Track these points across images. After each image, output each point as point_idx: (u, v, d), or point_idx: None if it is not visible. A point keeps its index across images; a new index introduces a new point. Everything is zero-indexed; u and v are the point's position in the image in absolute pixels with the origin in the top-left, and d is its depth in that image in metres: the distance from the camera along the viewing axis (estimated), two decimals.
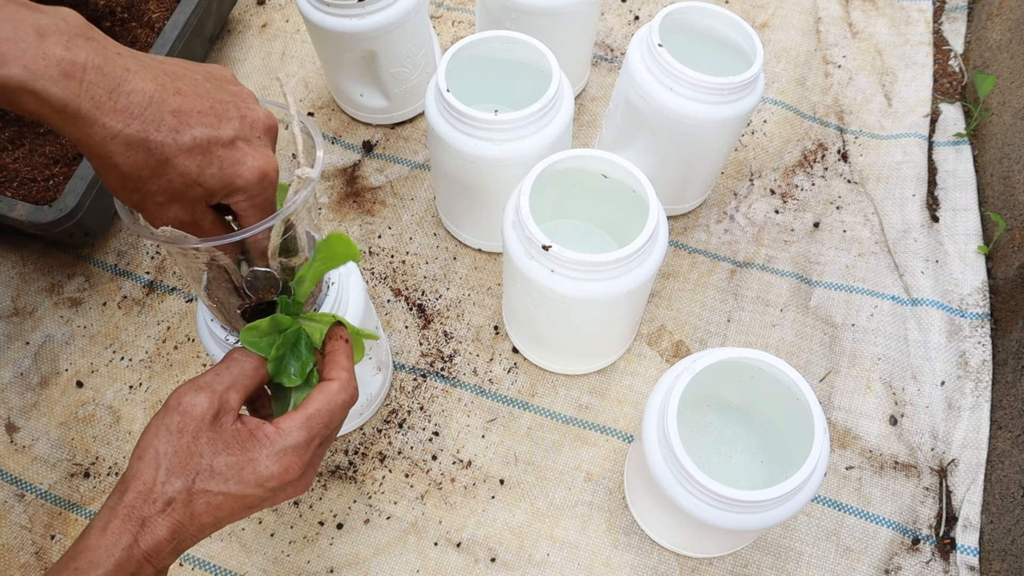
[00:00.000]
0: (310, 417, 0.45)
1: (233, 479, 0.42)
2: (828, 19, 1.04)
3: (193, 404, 0.42)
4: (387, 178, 0.91)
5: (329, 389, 0.46)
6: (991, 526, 0.69)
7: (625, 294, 0.63)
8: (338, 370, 0.48)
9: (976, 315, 0.81)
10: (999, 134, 0.89)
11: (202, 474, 0.41)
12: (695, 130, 0.72)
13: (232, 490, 0.42)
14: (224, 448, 0.42)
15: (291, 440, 0.44)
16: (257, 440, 0.43)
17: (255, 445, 0.43)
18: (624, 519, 0.71)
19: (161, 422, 0.42)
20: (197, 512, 0.42)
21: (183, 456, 0.42)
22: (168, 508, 0.41)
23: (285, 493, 0.45)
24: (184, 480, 0.41)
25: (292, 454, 0.43)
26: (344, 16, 0.78)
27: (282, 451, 0.43)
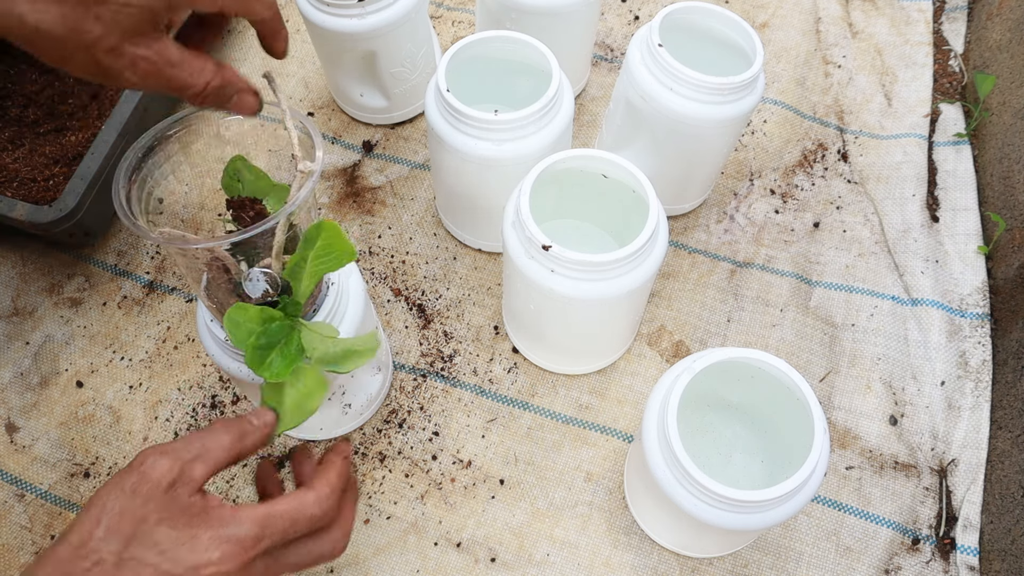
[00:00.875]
0: (269, 515, 0.41)
1: (168, 553, 0.38)
2: (828, 19, 1.04)
3: (153, 466, 0.40)
4: (387, 178, 0.91)
5: (303, 497, 0.43)
6: (991, 526, 0.69)
7: (625, 294, 0.63)
8: (322, 484, 0.44)
9: (976, 315, 0.81)
10: (999, 134, 0.89)
11: (138, 540, 0.38)
12: (695, 130, 0.72)
13: (163, 566, 0.38)
14: (169, 518, 0.39)
15: (240, 531, 0.40)
16: (207, 518, 0.40)
17: (202, 523, 0.40)
18: (624, 519, 0.71)
19: (119, 479, 0.40)
20: None
21: (127, 517, 0.39)
22: (95, 568, 0.37)
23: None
24: (119, 542, 0.38)
25: (235, 545, 0.40)
26: (344, 16, 0.78)
27: (225, 538, 0.39)
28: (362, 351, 0.51)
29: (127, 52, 0.40)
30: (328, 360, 0.50)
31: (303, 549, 0.44)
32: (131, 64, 0.40)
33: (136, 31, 0.40)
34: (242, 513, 0.40)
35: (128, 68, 0.40)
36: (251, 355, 0.47)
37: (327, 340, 0.50)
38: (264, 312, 0.48)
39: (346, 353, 0.51)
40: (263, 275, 0.49)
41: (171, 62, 0.41)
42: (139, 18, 0.39)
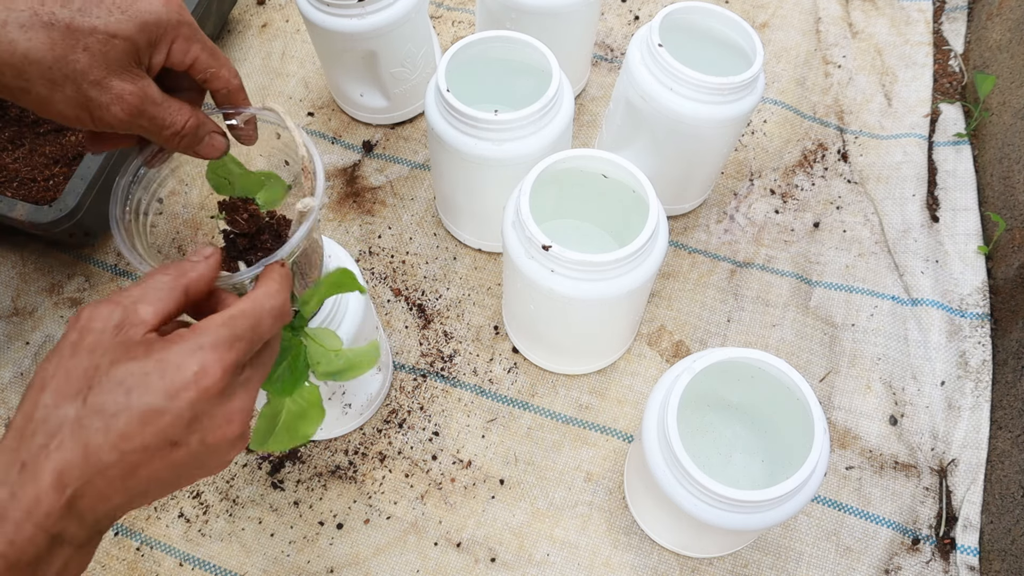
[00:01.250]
0: (232, 316, 0.37)
1: (136, 388, 0.33)
2: (828, 19, 1.04)
3: (91, 317, 0.35)
4: (387, 178, 0.91)
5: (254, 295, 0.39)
6: (991, 526, 0.69)
7: (625, 294, 0.63)
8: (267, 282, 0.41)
9: (976, 315, 0.81)
10: (999, 134, 0.89)
11: (96, 388, 0.33)
12: (695, 130, 0.72)
13: (135, 404, 0.33)
14: (125, 354, 0.34)
15: (208, 337, 0.35)
16: (168, 340, 0.35)
17: (165, 345, 0.35)
18: (624, 519, 0.71)
19: (57, 345, 0.35)
20: (92, 444, 0.32)
21: (75, 374, 0.33)
22: (52, 443, 0.32)
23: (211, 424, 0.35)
24: (74, 402, 0.32)
25: (210, 351, 0.35)
26: (344, 16, 0.78)
27: (198, 346, 0.35)
28: (362, 363, 0.51)
29: (114, 86, 0.40)
30: (331, 373, 0.51)
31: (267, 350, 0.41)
32: (118, 98, 0.41)
33: (121, 65, 0.40)
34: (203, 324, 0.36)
35: (115, 102, 0.41)
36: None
37: (330, 354, 0.51)
38: None
39: (348, 365, 0.51)
40: None
41: (154, 100, 0.42)
42: (123, 51, 0.40)
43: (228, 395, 0.36)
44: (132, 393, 0.33)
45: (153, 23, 0.41)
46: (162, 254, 0.52)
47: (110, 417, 0.32)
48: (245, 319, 0.37)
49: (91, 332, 0.34)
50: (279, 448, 0.49)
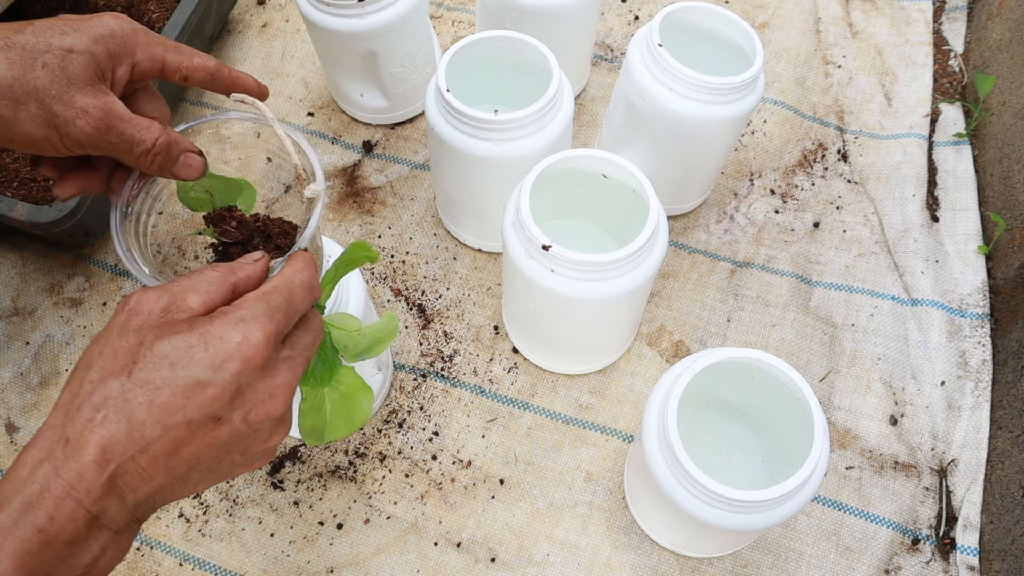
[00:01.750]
0: (266, 292, 0.38)
1: (181, 361, 0.34)
2: (828, 19, 1.04)
3: (139, 301, 0.36)
4: (387, 178, 0.91)
5: (283, 273, 0.40)
6: (991, 526, 0.69)
7: (625, 294, 0.63)
8: (292, 262, 0.42)
9: (976, 315, 0.81)
10: (999, 134, 0.89)
11: (140, 362, 0.33)
12: (695, 130, 0.72)
13: (180, 376, 0.33)
14: (170, 330, 0.35)
15: (247, 310, 0.36)
16: (210, 317, 0.36)
17: (207, 320, 0.36)
18: (624, 519, 0.71)
19: (105, 328, 0.36)
20: (136, 419, 0.32)
21: (121, 353, 0.34)
22: (97, 416, 0.32)
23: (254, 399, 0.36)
24: (119, 378, 0.33)
25: (251, 322, 0.36)
26: (344, 16, 0.78)
27: (239, 319, 0.36)
28: (384, 336, 0.53)
29: (77, 100, 0.40)
30: (360, 352, 0.52)
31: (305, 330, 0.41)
32: (83, 111, 0.40)
33: (82, 79, 0.40)
34: (240, 301, 0.37)
35: (80, 116, 0.40)
36: None
37: (353, 335, 0.52)
38: None
39: (373, 341, 0.53)
40: None
41: (120, 116, 0.42)
42: (83, 65, 0.40)
43: (270, 369, 0.37)
44: (177, 366, 0.34)
45: (108, 35, 0.41)
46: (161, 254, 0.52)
47: (154, 391, 0.33)
48: (279, 293, 0.38)
49: (138, 314, 0.35)
50: (339, 436, 0.51)
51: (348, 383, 0.52)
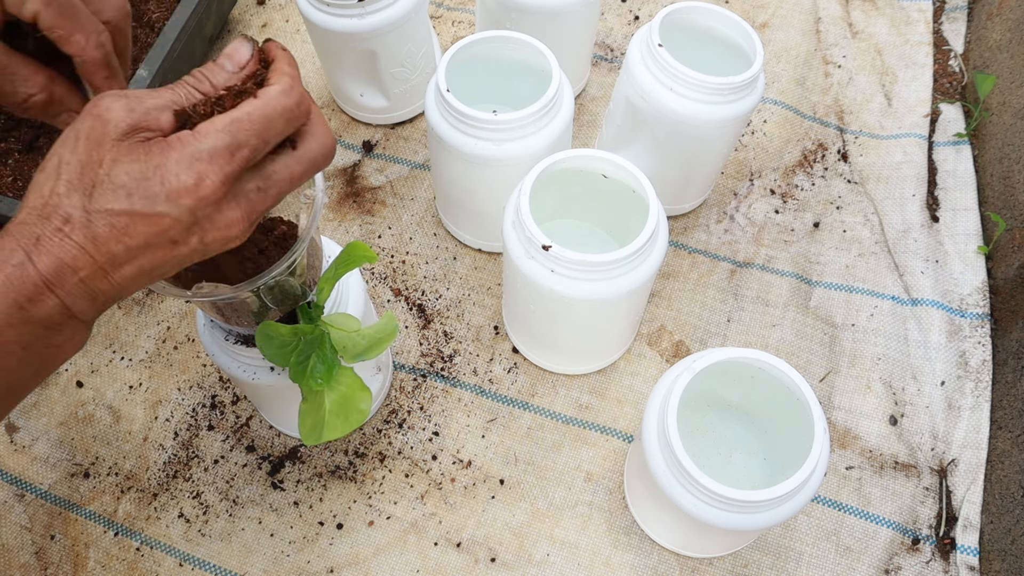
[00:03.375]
0: (236, 120, 0.35)
1: (137, 193, 0.33)
2: (828, 19, 1.04)
3: (109, 108, 0.34)
4: (387, 178, 0.91)
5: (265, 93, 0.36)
6: (991, 526, 0.69)
7: (625, 294, 0.63)
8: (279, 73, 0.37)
9: (976, 315, 0.81)
10: (999, 134, 0.89)
11: (99, 187, 0.33)
12: (695, 130, 0.72)
13: (136, 207, 0.33)
14: (127, 155, 0.34)
15: (207, 143, 0.34)
16: (167, 144, 0.34)
17: (163, 149, 0.34)
18: (624, 519, 0.71)
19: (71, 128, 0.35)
20: (100, 236, 0.34)
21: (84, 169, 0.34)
22: (66, 227, 0.33)
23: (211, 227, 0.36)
24: (80, 195, 0.33)
25: (207, 161, 0.34)
26: (344, 16, 0.78)
27: (195, 155, 0.34)
28: (384, 337, 0.53)
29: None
30: (359, 354, 0.53)
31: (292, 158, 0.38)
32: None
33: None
34: (203, 126, 0.35)
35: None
36: (294, 370, 0.49)
37: (353, 335, 0.52)
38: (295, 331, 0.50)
39: (372, 342, 0.53)
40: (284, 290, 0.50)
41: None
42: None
43: (230, 201, 0.36)
44: (133, 196, 0.34)
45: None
46: None
47: (114, 216, 0.34)
48: (251, 123, 0.35)
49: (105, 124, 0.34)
50: (337, 435, 0.51)
51: (347, 383, 0.52)
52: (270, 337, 0.50)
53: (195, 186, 0.34)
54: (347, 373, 0.53)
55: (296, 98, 0.37)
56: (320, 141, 0.39)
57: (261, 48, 0.39)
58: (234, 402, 0.77)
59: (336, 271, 0.53)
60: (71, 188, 0.33)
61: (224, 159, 0.35)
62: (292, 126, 0.37)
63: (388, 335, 0.54)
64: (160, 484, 0.73)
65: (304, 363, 0.50)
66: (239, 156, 0.35)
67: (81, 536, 0.71)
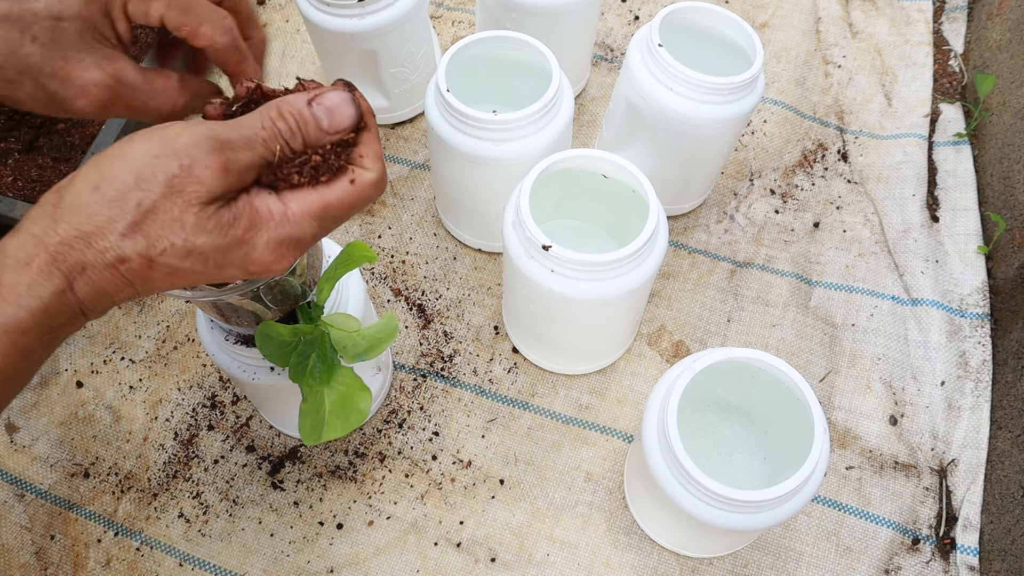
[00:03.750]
0: (328, 207, 0.35)
1: (213, 259, 0.34)
2: (828, 19, 1.04)
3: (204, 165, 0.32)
4: (387, 178, 0.91)
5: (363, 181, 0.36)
6: (991, 526, 0.69)
7: (625, 294, 0.63)
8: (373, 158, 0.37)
9: (976, 315, 0.81)
10: (999, 134, 0.89)
11: (173, 250, 0.33)
12: (695, 130, 0.72)
13: (209, 269, 0.34)
14: (214, 227, 0.33)
15: (298, 231, 0.35)
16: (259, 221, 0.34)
17: (254, 226, 0.34)
18: (624, 519, 0.71)
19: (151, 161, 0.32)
20: (154, 278, 0.34)
21: (159, 219, 0.32)
22: (120, 265, 0.32)
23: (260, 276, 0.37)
24: (148, 245, 0.32)
25: (292, 247, 0.35)
26: (344, 16, 0.78)
27: (283, 241, 0.34)
28: (384, 338, 0.54)
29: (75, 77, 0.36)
30: (358, 354, 0.53)
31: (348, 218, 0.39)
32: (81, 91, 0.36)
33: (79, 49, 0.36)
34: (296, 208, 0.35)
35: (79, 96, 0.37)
36: (294, 370, 0.49)
37: (353, 336, 0.53)
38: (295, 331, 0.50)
39: (372, 342, 0.53)
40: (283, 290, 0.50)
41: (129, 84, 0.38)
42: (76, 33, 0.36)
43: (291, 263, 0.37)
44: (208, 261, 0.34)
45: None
46: None
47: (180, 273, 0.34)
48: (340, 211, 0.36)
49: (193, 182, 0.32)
50: (337, 435, 0.51)
51: (347, 383, 0.52)
52: (270, 337, 0.50)
53: (272, 263, 0.35)
54: (347, 373, 0.53)
55: (381, 188, 0.38)
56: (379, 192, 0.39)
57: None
58: (234, 402, 0.77)
59: (336, 271, 0.53)
60: (135, 232, 0.32)
61: (306, 245, 0.36)
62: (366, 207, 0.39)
63: (388, 335, 0.54)
64: (160, 484, 0.73)
65: (304, 363, 0.50)
66: (318, 237, 0.36)
67: (81, 536, 0.71)
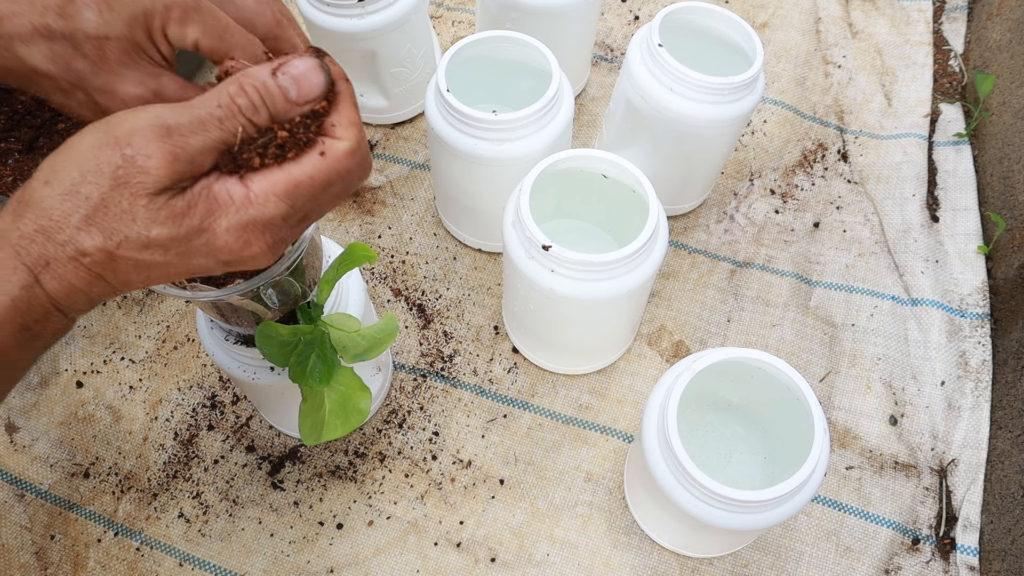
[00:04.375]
0: (298, 185, 0.33)
1: (175, 249, 0.32)
2: (828, 19, 1.04)
3: (148, 154, 0.31)
4: (387, 178, 0.91)
5: (334, 152, 0.34)
6: (991, 526, 0.69)
7: (625, 294, 0.63)
8: (346, 126, 0.35)
9: (976, 315, 0.81)
10: (999, 134, 0.89)
11: (129, 242, 0.32)
12: (695, 130, 0.72)
13: (171, 259, 0.33)
14: (168, 217, 0.32)
15: (263, 213, 0.33)
16: (217, 207, 0.32)
17: (212, 213, 0.32)
18: (624, 519, 0.71)
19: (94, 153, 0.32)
20: (121, 272, 0.33)
21: (110, 212, 0.32)
22: (82, 258, 0.32)
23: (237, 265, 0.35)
24: (105, 239, 0.32)
25: (259, 231, 0.33)
26: (344, 16, 0.78)
27: (247, 224, 0.33)
28: (384, 338, 0.54)
29: (119, 91, 0.38)
30: (359, 354, 0.53)
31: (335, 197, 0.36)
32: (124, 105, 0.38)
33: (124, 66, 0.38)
34: (259, 188, 0.33)
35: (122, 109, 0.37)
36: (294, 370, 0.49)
37: (353, 335, 0.53)
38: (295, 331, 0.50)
39: (372, 342, 0.53)
40: (283, 290, 0.50)
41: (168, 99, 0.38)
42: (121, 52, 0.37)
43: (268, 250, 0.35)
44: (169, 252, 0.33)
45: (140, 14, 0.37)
46: None
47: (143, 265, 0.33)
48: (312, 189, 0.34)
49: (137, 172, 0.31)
50: (337, 435, 0.52)
51: (347, 383, 0.52)
52: (270, 337, 0.50)
53: (240, 250, 0.33)
54: (347, 373, 0.53)
55: (361, 159, 0.35)
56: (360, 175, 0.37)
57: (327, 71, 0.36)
58: (234, 402, 0.77)
59: (336, 271, 0.53)
60: (90, 225, 0.32)
61: (277, 228, 0.34)
62: (351, 189, 0.36)
63: (388, 335, 0.54)
64: (160, 484, 0.73)
65: (304, 363, 0.50)
66: (290, 223, 0.34)
67: (81, 536, 0.71)
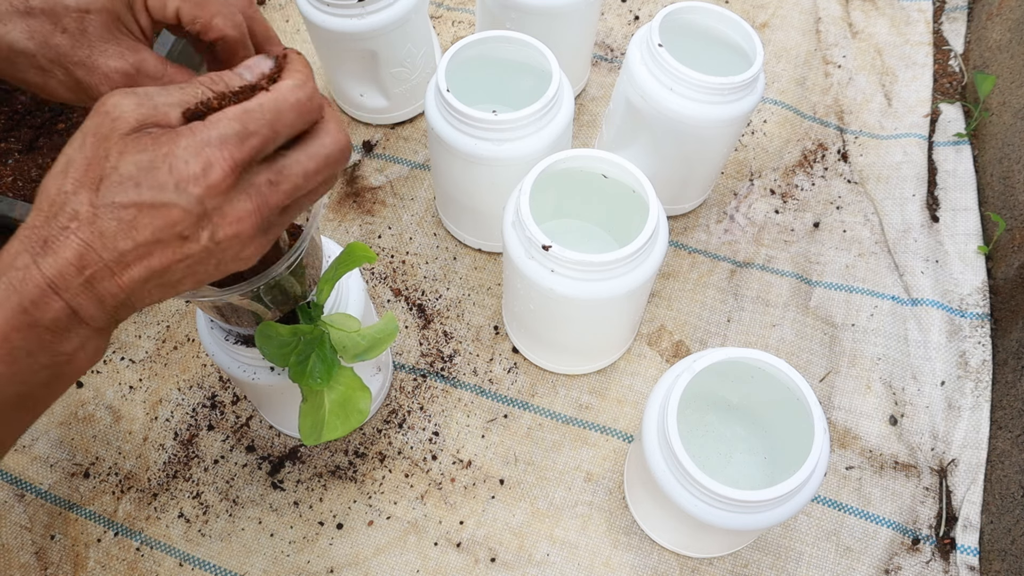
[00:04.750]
0: (247, 110, 0.35)
1: (145, 183, 0.33)
2: (828, 19, 1.04)
3: (117, 104, 0.34)
4: (387, 178, 0.91)
5: (278, 86, 0.36)
6: (991, 526, 0.69)
7: (625, 294, 0.63)
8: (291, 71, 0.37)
9: (976, 315, 0.81)
10: (999, 134, 0.89)
11: (106, 180, 0.33)
12: (695, 130, 0.72)
13: (144, 197, 0.33)
14: (135, 147, 0.33)
15: (216, 131, 0.34)
16: (177, 133, 0.34)
17: (173, 138, 0.34)
18: (624, 519, 0.71)
19: (81, 127, 0.35)
20: (107, 231, 0.33)
21: (92, 165, 0.33)
22: (72, 223, 0.33)
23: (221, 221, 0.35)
24: (88, 193, 0.33)
25: (217, 147, 0.34)
26: (344, 16, 0.78)
27: (204, 142, 0.34)
28: (384, 338, 0.54)
29: (99, 65, 0.38)
30: (358, 354, 0.53)
31: (303, 152, 0.38)
32: (105, 78, 0.38)
33: (104, 39, 0.38)
34: (215, 117, 0.34)
35: (103, 82, 0.39)
36: (294, 370, 0.49)
37: (353, 336, 0.52)
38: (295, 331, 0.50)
39: (372, 342, 0.53)
40: (283, 290, 0.50)
41: (148, 73, 0.39)
42: (102, 24, 0.38)
43: (237, 193, 0.35)
44: (140, 187, 0.33)
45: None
46: None
47: (121, 209, 0.33)
48: (262, 113, 0.35)
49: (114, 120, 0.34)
50: (337, 435, 0.52)
51: (346, 383, 0.52)
52: (270, 337, 0.50)
53: (203, 173, 0.33)
54: (347, 373, 0.53)
55: (308, 92, 0.37)
56: (333, 138, 0.38)
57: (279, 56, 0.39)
58: (234, 402, 0.77)
59: (336, 271, 0.53)
60: (78, 185, 0.33)
61: (233, 146, 0.34)
62: (304, 120, 0.37)
63: (388, 335, 0.54)
64: (160, 484, 0.73)
65: (304, 363, 0.50)
66: (248, 144, 0.35)
67: (81, 536, 0.71)
